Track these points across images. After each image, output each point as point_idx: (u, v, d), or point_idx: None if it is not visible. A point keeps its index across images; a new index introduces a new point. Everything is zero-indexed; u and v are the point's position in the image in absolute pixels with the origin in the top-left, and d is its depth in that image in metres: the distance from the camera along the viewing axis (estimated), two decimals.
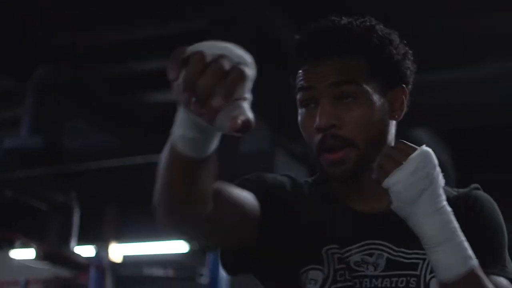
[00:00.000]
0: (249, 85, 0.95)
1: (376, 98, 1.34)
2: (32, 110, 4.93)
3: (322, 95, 1.32)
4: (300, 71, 1.36)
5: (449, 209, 1.24)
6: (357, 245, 1.33)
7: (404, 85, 1.39)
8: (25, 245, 6.76)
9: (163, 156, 1.08)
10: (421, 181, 1.21)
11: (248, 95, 0.95)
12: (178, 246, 7.20)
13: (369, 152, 1.32)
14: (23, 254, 7.12)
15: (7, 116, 5.68)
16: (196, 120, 0.97)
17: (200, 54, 0.92)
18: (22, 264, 6.91)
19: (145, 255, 7.67)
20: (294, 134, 1.46)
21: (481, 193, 1.43)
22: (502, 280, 1.33)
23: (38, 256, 6.55)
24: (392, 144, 1.37)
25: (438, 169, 1.24)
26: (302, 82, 1.35)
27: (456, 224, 1.23)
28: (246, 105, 0.95)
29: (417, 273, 1.32)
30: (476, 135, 5.53)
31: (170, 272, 6.45)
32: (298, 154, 5.02)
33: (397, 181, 1.21)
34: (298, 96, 1.36)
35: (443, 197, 1.23)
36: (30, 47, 4.86)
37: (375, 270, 1.32)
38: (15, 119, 5.14)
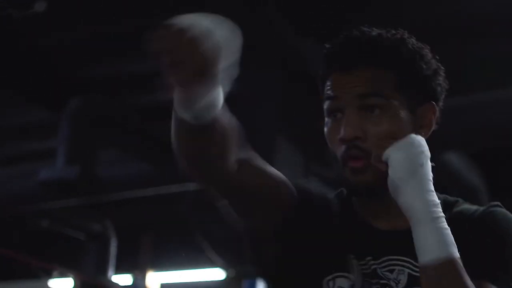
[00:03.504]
0: (222, 53, 1.07)
1: (403, 113, 1.31)
2: (66, 141, 4.95)
3: (348, 106, 1.30)
4: (328, 80, 1.34)
5: (436, 198, 1.23)
6: (379, 261, 1.31)
7: (434, 102, 1.35)
8: (62, 275, 6.80)
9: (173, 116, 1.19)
10: (419, 155, 1.24)
11: (223, 65, 1.08)
12: (215, 274, 7.17)
13: None
14: (61, 284, 7.16)
15: (42, 147, 5.73)
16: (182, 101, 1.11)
17: (173, 27, 1.05)
18: None
19: (182, 282, 7.66)
20: (327, 160, 1.45)
21: (499, 210, 1.34)
22: None
23: (75, 286, 6.59)
24: None
25: (429, 154, 1.26)
26: (329, 92, 1.33)
27: (442, 214, 1.22)
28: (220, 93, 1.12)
29: None
30: (509, 158, 5.43)
31: None
32: (331, 181, 4.97)
33: (399, 148, 1.24)
34: (325, 105, 1.34)
35: (432, 182, 1.24)
36: (63, 78, 4.91)
37: (396, 285, 1.29)
38: (50, 150, 5.17)
